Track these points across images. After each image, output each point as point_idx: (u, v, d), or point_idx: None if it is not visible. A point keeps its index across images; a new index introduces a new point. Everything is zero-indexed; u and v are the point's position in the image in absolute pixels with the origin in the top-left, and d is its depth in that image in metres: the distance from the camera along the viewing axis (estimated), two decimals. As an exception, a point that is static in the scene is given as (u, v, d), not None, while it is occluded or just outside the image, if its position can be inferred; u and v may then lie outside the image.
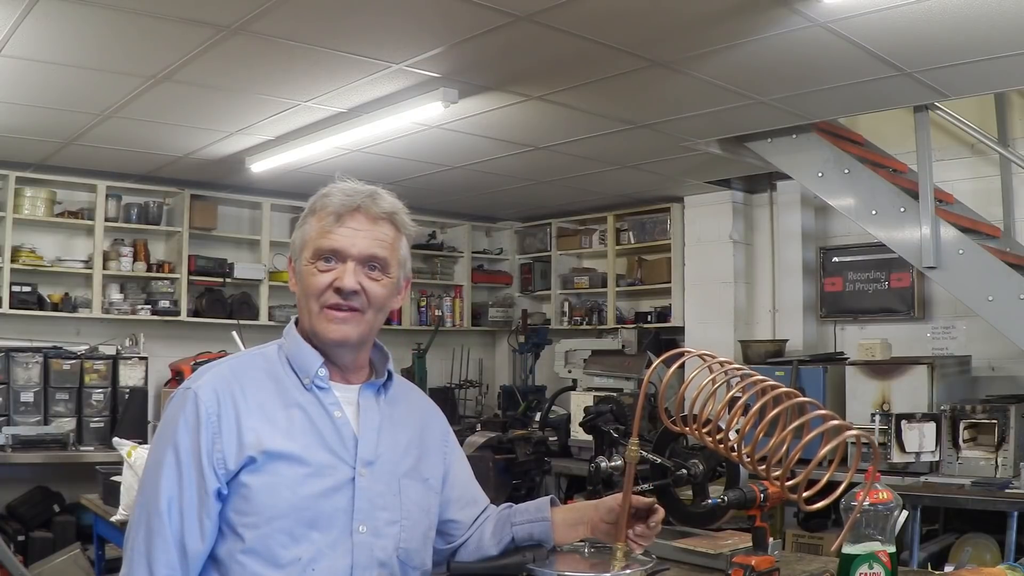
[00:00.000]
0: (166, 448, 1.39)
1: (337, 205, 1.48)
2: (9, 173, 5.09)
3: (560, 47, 3.31)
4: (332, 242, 1.46)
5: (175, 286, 5.69)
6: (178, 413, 1.41)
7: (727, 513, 1.98)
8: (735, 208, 5.93)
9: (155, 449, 1.43)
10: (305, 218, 1.52)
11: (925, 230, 4.00)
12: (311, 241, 1.49)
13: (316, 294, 1.47)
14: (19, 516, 4.94)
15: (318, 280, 1.47)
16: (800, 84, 3.72)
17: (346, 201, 1.48)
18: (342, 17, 3.05)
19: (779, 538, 3.29)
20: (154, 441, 1.45)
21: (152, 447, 1.45)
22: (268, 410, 1.43)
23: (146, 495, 1.39)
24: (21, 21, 3.02)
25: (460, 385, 7.01)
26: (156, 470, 1.39)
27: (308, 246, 1.49)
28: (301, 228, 1.52)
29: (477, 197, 6.30)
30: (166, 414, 1.44)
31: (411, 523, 1.52)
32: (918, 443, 4.10)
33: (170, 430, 1.40)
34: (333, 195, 1.50)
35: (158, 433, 1.45)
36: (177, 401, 1.43)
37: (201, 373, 1.46)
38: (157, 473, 1.39)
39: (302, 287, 1.50)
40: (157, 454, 1.41)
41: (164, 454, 1.39)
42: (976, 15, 2.95)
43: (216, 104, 4.03)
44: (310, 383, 1.47)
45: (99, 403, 5.23)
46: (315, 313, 1.48)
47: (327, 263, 1.47)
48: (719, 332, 5.89)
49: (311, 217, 1.51)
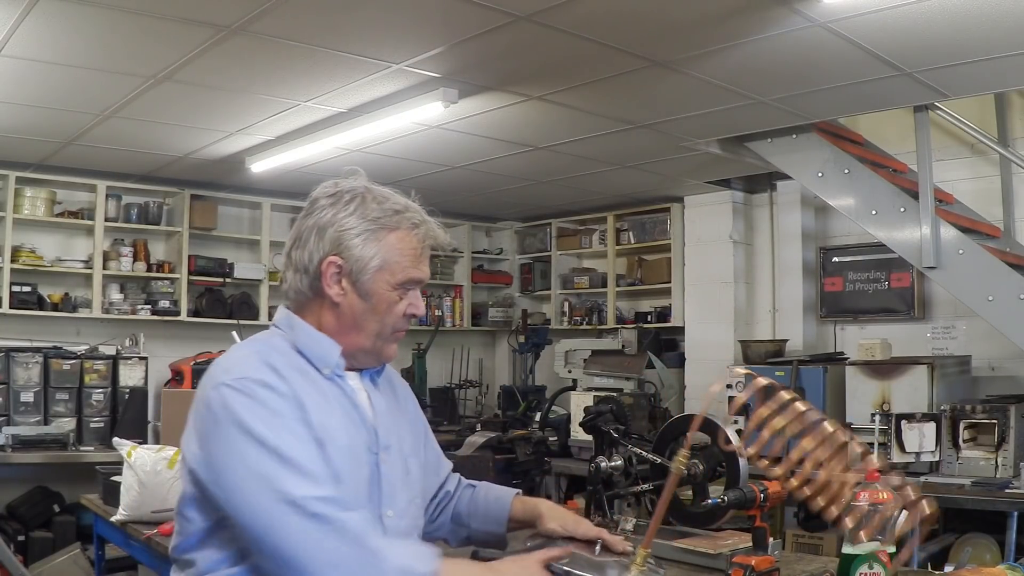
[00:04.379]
0: (248, 439, 1.30)
1: (431, 237, 1.49)
2: (9, 173, 5.09)
3: (560, 47, 3.31)
4: (423, 273, 1.49)
5: (175, 286, 5.68)
6: (248, 403, 1.32)
7: (727, 513, 1.98)
8: (735, 208, 5.93)
9: (238, 445, 1.30)
10: (375, 233, 1.45)
11: (925, 230, 4.00)
12: (396, 267, 1.45)
13: (395, 320, 1.48)
14: (19, 516, 4.94)
15: (400, 307, 1.48)
16: (800, 84, 3.72)
17: (434, 234, 1.50)
18: (342, 17, 3.05)
19: (779, 538, 3.29)
20: (225, 444, 1.31)
21: (227, 452, 1.31)
22: (311, 397, 1.41)
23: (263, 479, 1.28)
24: (21, 21, 3.02)
25: (460, 385, 7.01)
26: (259, 457, 1.29)
27: (392, 271, 1.45)
28: (371, 243, 1.44)
29: (477, 197, 6.30)
30: (220, 415, 1.32)
31: (421, 501, 1.58)
32: (918, 443, 4.10)
33: (250, 416, 1.31)
34: (420, 220, 1.49)
35: (220, 440, 1.32)
36: (240, 392, 1.33)
37: (235, 364, 1.38)
38: (260, 457, 1.29)
39: (375, 309, 1.46)
40: (244, 446, 1.30)
41: (249, 442, 1.30)
42: (976, 15, 2.95)
43: (216, 104, 4.03)
44: (330, 373, 1.47)
45: (99, 403, 5.23)
46: (386, 335, 1.49)
47: (408, 291, 1.49)
48: (719, 332, 5.89)
49: (389, 235, 1.45)
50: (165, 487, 2.77)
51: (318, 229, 1.46)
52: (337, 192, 1.48)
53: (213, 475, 1.32)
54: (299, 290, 1.49)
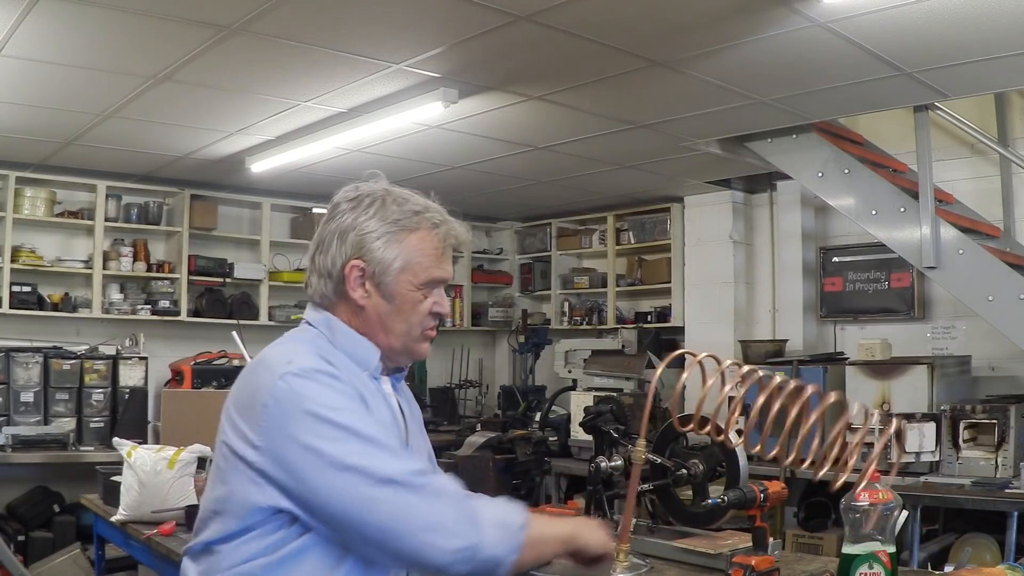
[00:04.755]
0: (329, 425, 1.31)
1: (453, 236, 1.51)
2: (9, 173, 5.08)
3: (560, 47, 3.31)
4: (446, 272, 1.50)
5: (175, 286, 5.68)
6: (320, 389, 1.34)
7: (727, 513, 1.98)
8: (735, 208, 5.93)
9: (323, 432, 1.31)
10: (396, 235, 1.46)
11: (925, 230, 4.00)
12: (418, 267, 1.47)
13: (421, 319, 1.49)
14: (19, 516, 4.94)
15: (425, 306, 1.49)
16: (800, 84, 3.72)
17: (456, 233, 1.52)
18: (342, 17, 3.05)
19: (779, 538, 3.29)
20: (301, 432, 1.31)
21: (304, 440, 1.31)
22: (366, 389, 1.44)
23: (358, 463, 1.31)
24: (21, 21, 3.02)
25: (460, 385, 7.01)
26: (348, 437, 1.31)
27: (415, 271, 1.47)
28: (393, 245, 1.46)
29: (477, 197, 6.29)
30: (292, 403, 1.32)
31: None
32: (918, 443, 4.10)
33: (327, 401, 1.33)
34: (440, 220, 1.50)
35: (296, 429, 1.31)
36: (311, 381, 1.34)
37: (294, 355, 1.38)
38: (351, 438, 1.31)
39: (400, 309, 1.47)
40: (334, 432, 1.31)
41: (341, 429, 1.31)
42: (976, 15, 2.95)
43: (216, 104, 4.03)
44: (370, 375, 1.49)
45: (99, 403, 5.23)
46: (415, 336, 1.50)
47: (432, 291, 1.50)
48: (719, 332, 5.88)
49: (409, 236, 1.47)
50: (165, 487, 2.77)
51: (340, 233, 1.47)
52: (358, 196, 1.49)
53: (287, 467, 1.31)
54: (324, 294, 1.50)
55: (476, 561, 1.32)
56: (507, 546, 1.34)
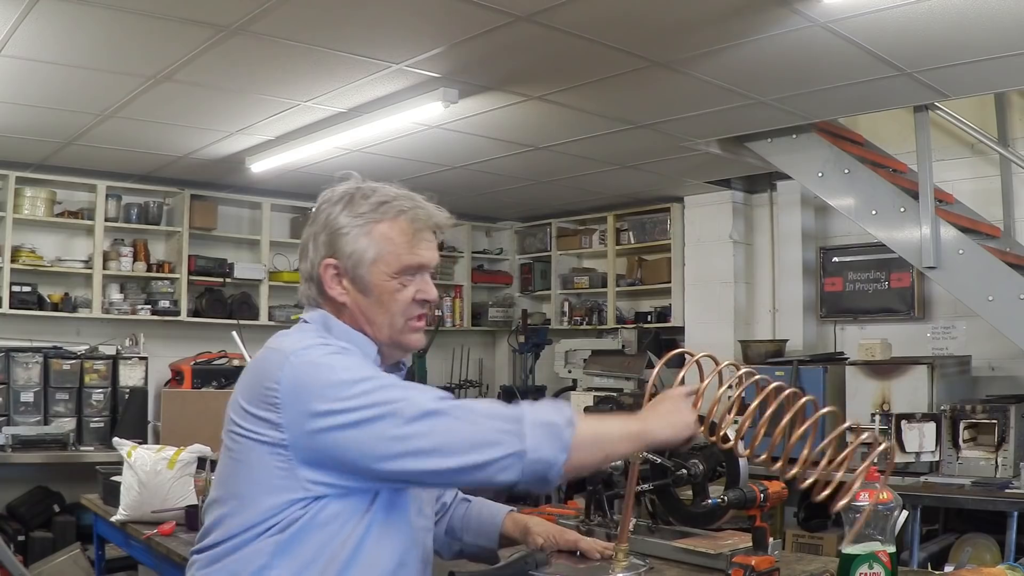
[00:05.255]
0: (345, 384, 1.32)
1: (422, 219, 1.48)
2: (9, 173, 5.08)
3: (560, 47, 3.31)
4: (420, 258, 1.48)
5: (175, 286, 5.68)
6: (328, 357, 1.36)
7: (727, 513, 1.98)
8: (735, 208, 5.93)
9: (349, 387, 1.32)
10: (364, 227, 1.46)
11: (925, 230, 4.00)
12: (389, 256, 1.46)
13: (403, 309, 1.48)
14: (19, 516, 4.94)
15: (404, 295, 1.47)
16: (800, 84, 3.72)
17: (425, 215, 1.49)
18: (342, 17, 3.05)
19: (779, 538, 3.29)
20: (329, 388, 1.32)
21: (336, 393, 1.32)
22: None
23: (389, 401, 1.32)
24: (21, 21, 3.02)
25: (460, 385, 7.01)
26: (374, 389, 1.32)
27: (384, 260, 1.46)
28: (358, 237, 1.46)
29: (477, 197, 6.30)
30: (304, 379, 1.33)
31: (431, 506, 1.63)
32: (918, 443, 4.10)
33: (337, 365, 1.34)
34: (408, 207, 1.48)
35: (313, 401, 1.32)
36: (321, 353, 1.37)
37: (297, 342, 1.40)
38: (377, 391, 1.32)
39: (380, 301, 1.47)
40: (360, 386, 1.32)
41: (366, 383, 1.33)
42: (976, 15, 2.95)
43: (216, 104, 4.03)
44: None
45: (99, 403, 5.23)
46: (399, 327, 1.48)
47: (410, 278, 1.48)
48: (719, 332, 5.88)
49: (378, 226, 1.46)
50: (165, 487, 2.77)
51: (314, 236, 1.50)
52: (329, 197, 1.52)
53: (314, 438, 1.31)
54: (310, 298, 1.52)
55: (526, 466, 1.30)
56: (553, 447, 1.31)
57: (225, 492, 1.41)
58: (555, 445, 1.31)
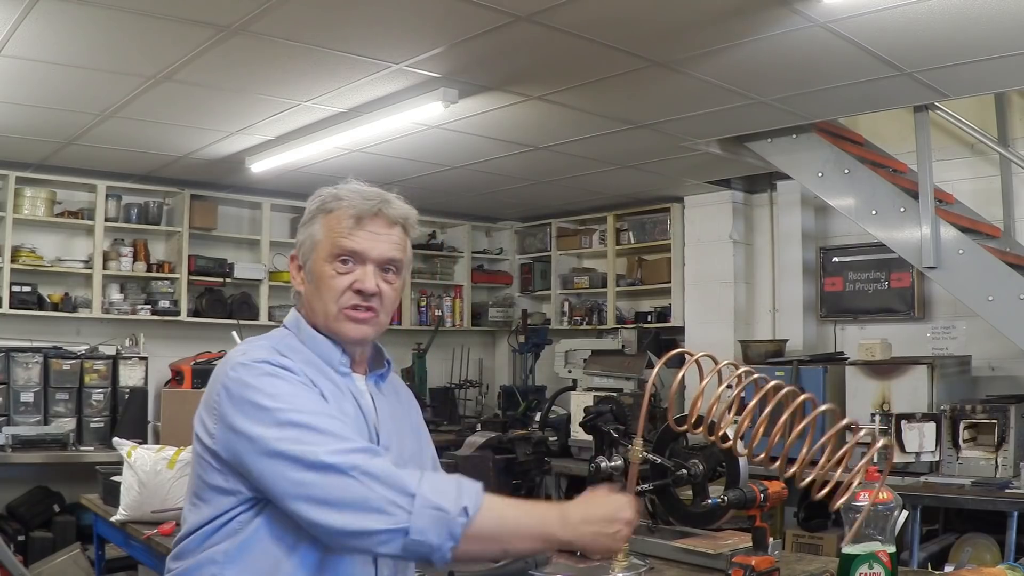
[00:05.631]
0: (266, 411, 1.34)
1: (358, 208, 1.49)
2: (9, 173, 5.08)
3: (560, 47, 3.31)
4: (353, 244, 1.49)
5: (175, 286, 5.68)
6: (265, 379, 1.38)
7: (727, 513, 1.98)
8: (735, 208, 5.93)
9: (263, 410, 1.35)
10: (314, 216, 1.53)
11: (925, 230, 4.00)
12: (327, 241, 1.50)
13: (335, 296, 1.49)
14: (19, 516, 4.94)
15: (338, 282, 1.49)
16: (800, 84, 3.72)
17: (366, 205, 1.50)
18: (342, 17, 3.05)
19: (779, 538, 3.29)
20: (245, 410, 1.36)
21: (249, 414, 1.36)
22: (325, 386, 1.46)
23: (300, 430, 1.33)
24: (21, 21, 3.02)
25: (460, 385, 7.01)
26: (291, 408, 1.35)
27: (322, 246, 1.50)
28: (309, 226, 1.53)
29: (477, 197, 6.30)
30: (237, 392, 1.37)
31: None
32: (918, 443, 4.10)
33: (268, 388, 1.36)
34: (349, 197, 1.51)
35: (240, 416, 1.36)
36: (258, 371, 1.39)
37: (249, 350, 1.44)
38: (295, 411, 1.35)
39: (317, 287, 1.51)
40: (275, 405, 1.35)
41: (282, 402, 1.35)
42: (976, 15, 2.95)
43: (216, 104, 4.03)
44: (335, 371, 1.51)
45: (99, 403, 5.23)
46: (332, 314, 1.50)
47: (344, 265, 1.49)
48: (719, 332, 5.88)
49: (322, 216, 1.52)
50: (165, 487, 2.77)
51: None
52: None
53: (232, 451, 1.36)
54: (295, 293, 1.59)
55: (407, 544, 1.27)
56: (439, 534, 1.27)
57: (189, 489, 1.48)
58: (441, 532, 1.27)
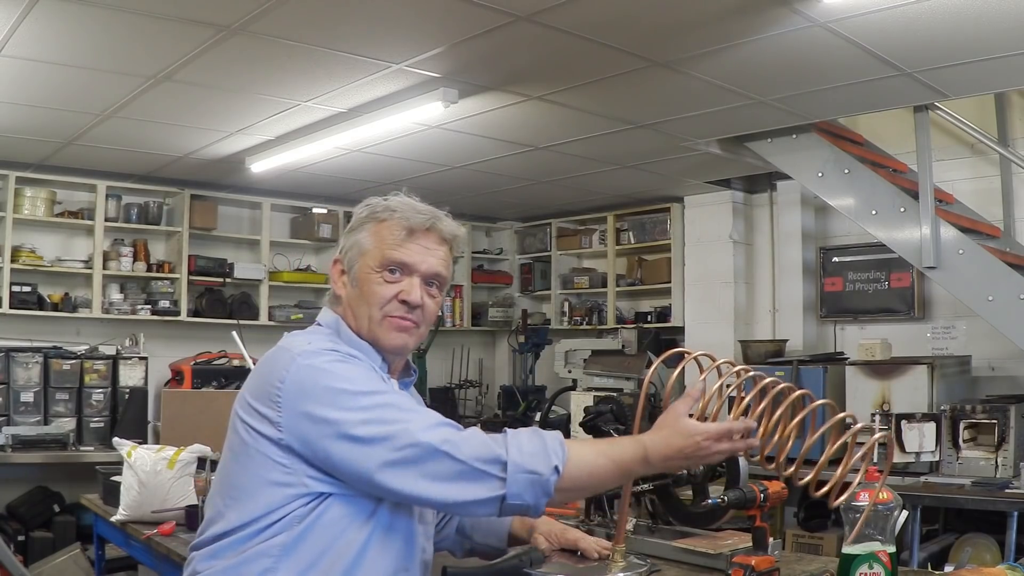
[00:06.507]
0: (348, 395, 1.36)
1: (411, 221, 1.52)
2: (9, 173, 5.09)
3: (560, 47, 3.31)
4: (403, 256, 1.51)
5: (175, 286, 5.68)
6: (342, 363, 1.41)
7: (727, 513, 1.98)
8: (735, 208, 5.93)
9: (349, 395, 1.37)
10: (363, 224, 1.55)
11: (925, 230, 4.00)
12: (376, 250, 1.51)
13: (380, 303, 1.50)
14: (19, 516, 4.94)
15: (384, 290, 1.51)
16: (800, 84, 3.72)
17: (419, 219, 1.52)
18: (342, 17, 3.05)
19: (779, 538, 3.29)
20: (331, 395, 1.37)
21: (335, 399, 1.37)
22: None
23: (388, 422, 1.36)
24: (21, 21, 3.02)
25: (460, 385, 7.01)
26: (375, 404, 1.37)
27: (371, 255, 1.51)
28: (357, 233, 1.54)
29: (477, 197, 6.30)
30: (309, 382, 1.37)
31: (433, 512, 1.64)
32: (918, 443, 4.10)
33: (343, 373, 1.39)
34: (402, 209, 1.53)
35: (319, 405, 1.36)
36: (329, 358, 1.41)
37: (305, 343, 1.45)
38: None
39: (361, 292, 1.52)
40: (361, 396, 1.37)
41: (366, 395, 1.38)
42: (976, 15, 2.95)
43: (216, 104, 4.03)
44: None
45: (99, 403, 5.23)
46: (376, 320, 1.51)
47: (392, 275, 1.51)
48: (719, 332, 5.89)
49: (372, 224, 1.53)
50: (165, 487, 2.77)
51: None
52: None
53: (307, 440, 1.36)
54: (330, 298, 1.61)
55: (505, 507, 1.34)
56: (535, 493, 1.34)
57: (227, 485, 1.43)
58: (536, 492, 1.35)
